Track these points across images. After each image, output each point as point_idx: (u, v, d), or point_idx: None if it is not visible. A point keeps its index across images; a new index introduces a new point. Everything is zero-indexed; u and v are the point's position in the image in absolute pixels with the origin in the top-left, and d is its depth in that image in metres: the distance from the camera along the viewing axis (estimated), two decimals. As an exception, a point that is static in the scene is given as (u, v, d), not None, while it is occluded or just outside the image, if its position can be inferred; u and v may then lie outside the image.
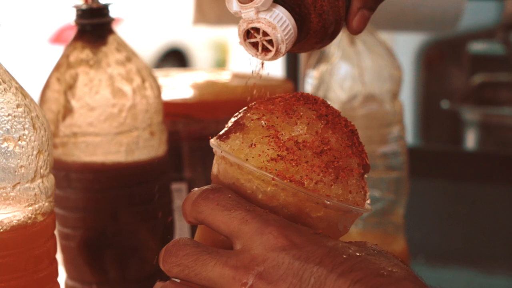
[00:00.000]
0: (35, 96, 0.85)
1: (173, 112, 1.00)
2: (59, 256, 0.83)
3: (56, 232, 0.72)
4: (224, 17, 1.30)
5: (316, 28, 0.64)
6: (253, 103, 0.61)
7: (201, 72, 1.28)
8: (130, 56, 0.85)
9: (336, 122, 0.59)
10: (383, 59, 1.05)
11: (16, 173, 0.64)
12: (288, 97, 0.60)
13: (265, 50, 0.63)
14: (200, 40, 5.69)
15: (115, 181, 0.84)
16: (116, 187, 0.84)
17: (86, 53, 0.84)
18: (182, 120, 1.00)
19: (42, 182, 0.66)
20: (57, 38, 4.68)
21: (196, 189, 0.59)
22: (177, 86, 1.11)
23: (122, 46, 0.85)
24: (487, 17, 2.37)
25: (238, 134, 0.58)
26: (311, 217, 0.57)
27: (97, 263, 0.85)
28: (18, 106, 0.65)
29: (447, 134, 2.24)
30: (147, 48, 5.36)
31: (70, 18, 0.87)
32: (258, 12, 0.62)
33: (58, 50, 0.88)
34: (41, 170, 0.66)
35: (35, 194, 0.66)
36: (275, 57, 0.63)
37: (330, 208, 0.57)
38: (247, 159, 0.57)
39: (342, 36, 1.04)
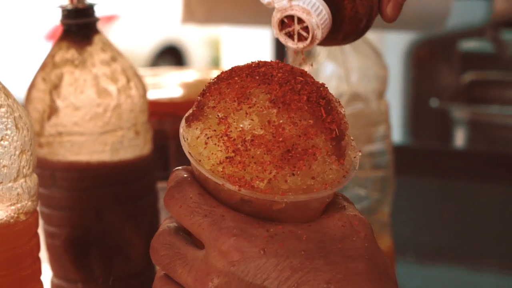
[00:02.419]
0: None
1: (160, 111, 1.00)
2: (45, 255, 0.83)
3: (41, 231, 0.73)
4: (213, 16, 1.30)
5: (351, 14, 0.64)
6: (215, 80, 0.58)
7: (190, 71, 1.28)
8: (115, 56, 0.86)
9: (295, 100, 0.55)
10: (369, 58, 1.05)
11: (-1, 172, 0.64)
12: (246, 73, 0.57)
13: (301, 38, 0.63)
14: (196, 37, 5.70)
15: (100, 180, 0.84)
16: (101, 186, 0.85)
17: (71, 53, 0.84)
18: (169, 119, 1.01)
19: (25, 181, 0.67)
20: (53, 35, 4.68)
21: (173, 174, 0.59)
22: (165, 85, 1.12)
23: (107, 46, 0.86)
24: (477, 15, 2.37)
25: (198, 122, 0.56)
26: (272, 210, 0.55)
27: (83, 261, 0.85)
28: (0, 106, 0.65)
29: (437, 132, 2.25)
30: (143, 45, 5.36)
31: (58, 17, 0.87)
32: (290, 0, 0.62)
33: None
34: (24, 170, 0.66)
35: (18, 194, 0.66)
36: (311, 44, 0.62)
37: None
38: (200, 160, 0.55)
39: (328, 36, 1.05)
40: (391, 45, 2.16)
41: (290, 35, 0.63)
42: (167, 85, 1.12)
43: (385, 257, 0.56)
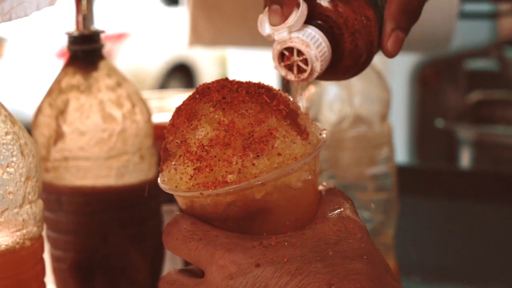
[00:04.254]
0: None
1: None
2: (51, 278, 0.84)
3: (48, 255, 0.73)
4: (219, 38, 1.31)
5: (350, 48, 0.64)
6: (169, 121, 0.61)
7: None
8: (121, 81, 0.87)
9: (235, 97, 0.58)
10: (371, 81, 1.05)
11: (5, 199, 0.65)
12: (189, 99, 0.60)
13: (300, 71, 0.64)
14: (206, 56, 5.71)
15: (106, 204, 0.85)
16: (106, 210, 0.86)
17: (77, 79, 0.85)
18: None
19: (31, 207, 0.68)
20: (64, 53, 4.71)
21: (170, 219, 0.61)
22: (171, 108, 1.12)
23: (112, 71, 0.87)
24: (481, 35, 2.37)
25: (168, 162, 0.59)
26: (257, 199, 0.57)
27: (88, 285, 0.86)
28: (6, 133, 0.66)
29: (442, 152, 2.24)
30: (154, 63, 5.38)
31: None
32: (290, 32, 0.63)
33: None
34: (29, 196, 0.67)
35: (23, 220, 0.67)
36: (310, 76, 0.63)
37: (267, 183, 0.56)
38: (176, 186, 0.58)
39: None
40: (396, 66, 2.16)
41: (290, 68, 0.64)
42: (174, 108, 1.13)
43: (383, 257, 0.57)
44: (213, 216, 0.58)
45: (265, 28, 0.64)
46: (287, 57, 0.64)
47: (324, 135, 0.60)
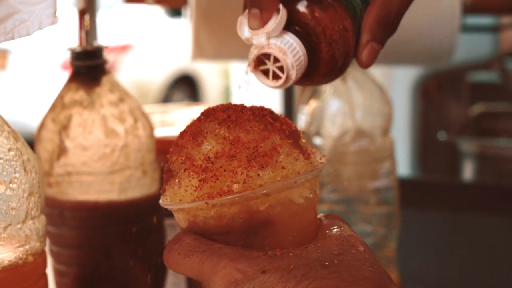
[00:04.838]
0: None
1: (169, 149, 1.01)
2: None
3: (51, 269, 0.73)
4: (222, 52, 1.32)
5: (326, 58, 0.65)
6: (172, 146, 0.62)
7: (200, 108, 1.29)
8: (123, 96, 0.87)
9: (240, 116, 0.60)
10: (373, 95, 1.06)
11: (7, 215, 0.65)
12: (193, 121, 0.62)
13: (276, 77, 0.64)
14: (210, 67, 5.72)
15: (108, 219, 0.86)
16: (109, 225, 0.86)
17: (80, 94, 0.86)
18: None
19: (33, 223, 0.68)
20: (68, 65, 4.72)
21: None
22: (175, 122, 1.13)
23: (115, 87, 0.87)
24: (484, 48, 2.38)
25: (170, 182, 0.60)
26: (261, 211, 0.57)
27: (91, 299, 0.86)
28: (9, 149, 0.67)
29: (445, 165, 2.24)
30: (158, 75, 5.39)
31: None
32: (269, 38, 0.63)
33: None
34: (32, 212, 0.68)
35: (26, 235, 0.67)
36: (285, 84, 0.64)
37: (271, 194, 0.57)
38: (180, 200, 0.58)
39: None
40: (399, 78, 2.17)
41: (265, 73, 0.65)
42: (176, 122, 1.14)
43: (385, 270, 0.57)
44: (216, 230, 0.58)
45: (244, 31, 0.64)
46: (263, 62, 0.64)
47: (324, 161, 0.61)
